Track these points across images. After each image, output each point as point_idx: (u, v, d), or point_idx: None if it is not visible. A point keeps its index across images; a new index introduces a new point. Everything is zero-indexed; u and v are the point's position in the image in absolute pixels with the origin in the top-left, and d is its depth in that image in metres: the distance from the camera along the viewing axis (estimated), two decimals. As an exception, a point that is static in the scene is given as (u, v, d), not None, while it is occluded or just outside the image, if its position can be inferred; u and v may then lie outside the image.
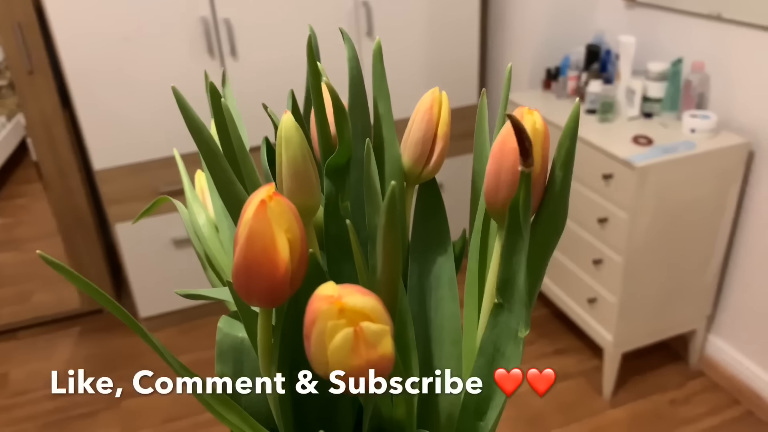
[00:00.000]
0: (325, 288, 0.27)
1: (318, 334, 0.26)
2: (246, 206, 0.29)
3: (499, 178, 0.38)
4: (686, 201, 1.70)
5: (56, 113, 2.11)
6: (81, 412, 1.96)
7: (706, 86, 1.80)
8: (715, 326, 1.95)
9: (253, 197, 0.29)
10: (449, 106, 0.46)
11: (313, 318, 0.26)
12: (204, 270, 0.52)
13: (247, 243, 0.28)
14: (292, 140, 0.35)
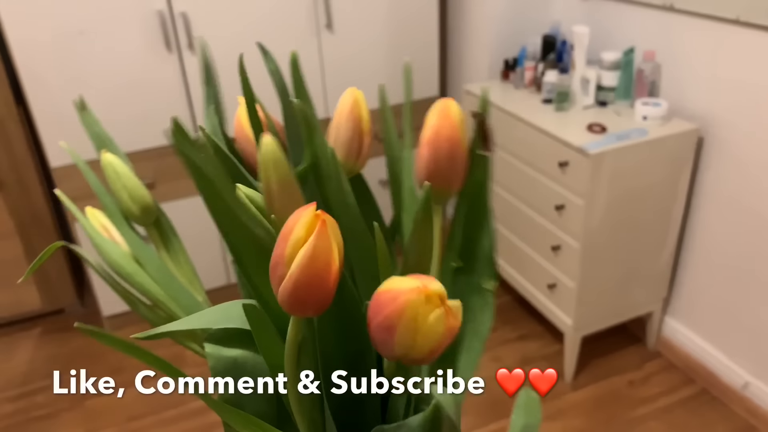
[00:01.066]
0: (405, 282, 0.30)
1: (408, 321, 0.30)
2: (291, 226, 0.30)
3: (438, 164, 0.40)
4: (640, 187, 1.74)
5: (10, 110, 2.06)
6: (43, 413, 1.93)
7: (658, 75, 1.84)
8: (671, 308, 2.01)
9: (300, 217, 0.30)
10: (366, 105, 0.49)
11: (401, 309, 0.30)
12: (133, 307, 0.49)
13: (310, 259, 0.29)
14: (280, 161, 0.37)
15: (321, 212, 0.30)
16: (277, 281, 0.31)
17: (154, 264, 0.47)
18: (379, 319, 0.31)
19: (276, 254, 0.31)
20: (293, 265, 0.30)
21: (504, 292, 2.31)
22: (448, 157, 0.39)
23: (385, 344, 0.31)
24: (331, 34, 2.16)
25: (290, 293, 0.30)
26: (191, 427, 1.85)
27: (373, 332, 0.32)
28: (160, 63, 2.00)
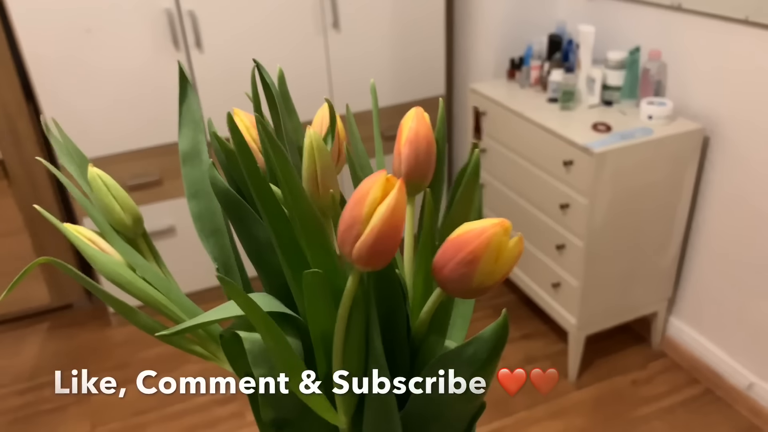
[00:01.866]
0: (483, 221, 0.36)
1: (492, 250, 0.35)
2: (367, 189, 0.35)
3: (418, 159, 0.44)
4: (644, 186, 1.74)
5: (20, 107, 2.09)
6: (50, 407, 1.95)
7: (663, 74, 1.84)
8: (676, 308, 2.01)
9: (374, 181, 0.35)
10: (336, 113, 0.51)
11: (488, 241, 0.35)
12: (130, 318, 0.48)
13: (392, 212, 0.34)
14: (323, 149, 0.41)
15: (392, 176, 0.35)
16: (353, 240, 0.35)
17: (150, 272, 0.48)
18: (461, 256, 0.36)
19: (350, 217, 0.35)
20: (374, 220, 0.34)
21: (508, 290, 2.31)
22: (426, 153, 0.43)
23: (463, 278, 0.36)
24: (338, 33, 2.17)
25: (371, 246, 0.35)
26: (196, 422, 1.86)
27: (448, 274, 0.37)
28: (167, 61, 2.01)
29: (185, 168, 0.52)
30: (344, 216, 0.36)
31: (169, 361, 2.04)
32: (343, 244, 0.36)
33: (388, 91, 2.33)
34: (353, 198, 0.35)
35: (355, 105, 2.57)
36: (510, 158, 1.98)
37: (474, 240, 0.35)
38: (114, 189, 0.49)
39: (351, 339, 0.41)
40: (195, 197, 0.51)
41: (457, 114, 2.60)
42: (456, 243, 0.36)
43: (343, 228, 0.36)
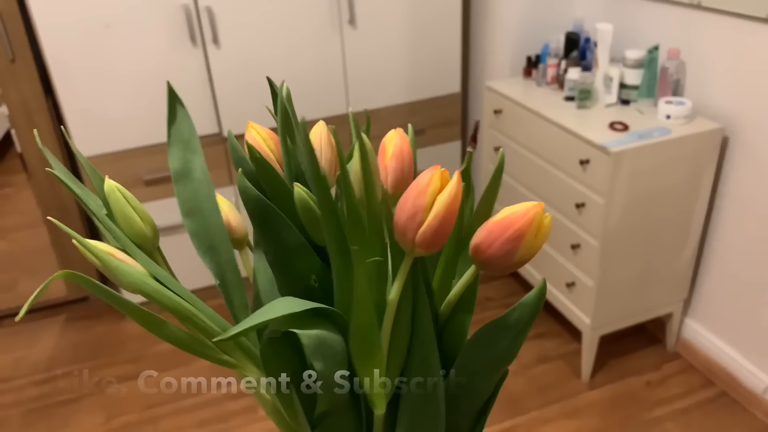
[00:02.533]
0: (525, 204, 0.41)
1: (533, 228, 0.41)
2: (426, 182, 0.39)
3: (403, 172, 0.49)
4: (661, 186, 1.73)
5: (39, 101, 2.11)
6: (65, 398, 1.98)
7: (682, 73, 1.82)
8: (692, 310, 1.99)
9: (432, 174, 0.40)
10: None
11: (531, 220, 0.41)
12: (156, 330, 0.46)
13: (454, 199, 0.39)
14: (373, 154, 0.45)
15: (446, 171, 0.40)
16: (417, 226, 0.40)
17: (174, 282, 0.48)
18: (508, 234, 0.41)
19: (413, 206, 0.39)
20: (437, 207, 0.39)
21: (522, 290, 2.31)
22: (408, 166, 0.49)
23: (508, 254, 0.41)
24: (354, 30, 2.17)
25: (435, 230, 0.39)
26: (209, 415, 1.87)
27: (494, 250, 0.41)
28: (184, 57, 2.03)
29: (177, 187, 0.52)
30: (405, 207, 0.40)
31: (182, 355, 2.06)
32: (406, 231, 0.40)
33: (403, 88, 2.33)
34: (413, 191, 0.40)
35: (370, 102, 2.58)
36: (525, 157, 1.97)
37: (520, 219, 0.41)
38: (132, 201, 0.48)
39: (401, 320, 0.44)
40: (189, 215, 0.52)
41: (471, 112, 2.59)
42: (502, 224, 0.41)
43: (405, 217, 0.40)
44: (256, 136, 0.49)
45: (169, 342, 0.47)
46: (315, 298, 0.45)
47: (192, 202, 0.52)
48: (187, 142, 0.53)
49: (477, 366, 0.47)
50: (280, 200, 0.46)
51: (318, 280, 0.46)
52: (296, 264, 0.46)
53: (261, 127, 0.50)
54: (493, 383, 0.49)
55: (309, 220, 0.46)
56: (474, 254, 0.42)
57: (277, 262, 0.46)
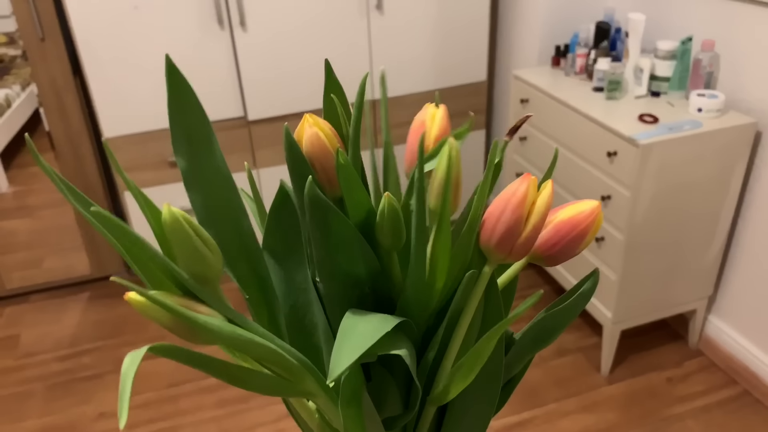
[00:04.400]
0: (585, 203, 0.44)
1: (594, 229, 0.44)
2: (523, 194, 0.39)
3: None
4: (690, 180, 1.70)
5: (67, 80, 2.13)
6: (88, 374, 2.01)
7: (716, 65, 1.78)
8: (716, 307, 1.96)
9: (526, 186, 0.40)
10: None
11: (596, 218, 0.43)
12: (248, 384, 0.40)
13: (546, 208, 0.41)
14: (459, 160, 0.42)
15: (534, 177, 0.40)
16: (515, 238, 0.40)
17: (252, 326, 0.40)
18: (576, 232, 0.43)
19: (510, 220, 0.39)
20: (534, 218, 0.40)
21: (543, 281, 2.29)
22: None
23: (572, 250, 0.44)
24: (381, 15, 2.15)
25: (531, 240, 0.40)
26: (229, 395, 1.90)
27: (561, 247, 0.44)
28: (211, 40, 2.03)
29: (190, 193, 0.43)
30: (503, 219, 0.40)
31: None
32: (499, 247, 0.41)
33: (428, 75, 2.31)
34: (507, 203, 0.39)
35: (394, 89, 2.56)
36: (552, 147, 1.95)
37: (587, 218, 0.43)
38: (199, 231, 0.38)
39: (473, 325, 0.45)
40: (206, 225, 0.45)
41: (497, 100, 2.57)
42: (570, 223, 0.43)
43: (502, 230, 0.40)
44: (318, 134, 0.43)
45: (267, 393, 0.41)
46: (369, 304, 0.44)
47: (207, 211, 0.44)
48: (194, 134, 0.42)
49: (523, 351, 0.48)
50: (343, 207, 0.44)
51: (371, 287, 0.44)
52: (357, 272, 0.42)
53: (323, 123, 0.44)
54: (527, 362, 0.50)
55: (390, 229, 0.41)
56: (538, 250, 0.44)
57: (335, 271, 0.42)
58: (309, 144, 0.44)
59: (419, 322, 0.44)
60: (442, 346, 0.45)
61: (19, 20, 2.02)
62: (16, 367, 2.06)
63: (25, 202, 3.11)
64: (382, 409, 0.46)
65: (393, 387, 0.45)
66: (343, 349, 0.36)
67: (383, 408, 0.46)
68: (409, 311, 0.43)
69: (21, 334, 2.21)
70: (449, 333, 0.44)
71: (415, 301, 0.43)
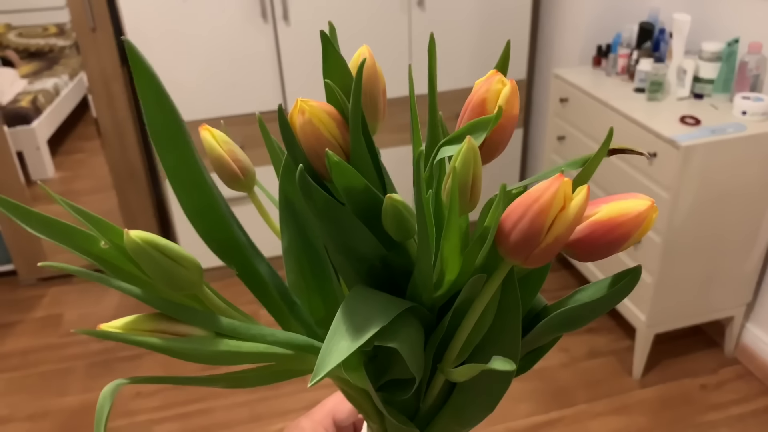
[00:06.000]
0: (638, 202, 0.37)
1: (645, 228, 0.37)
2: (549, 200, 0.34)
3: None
4: (732, 184, 1.67)
5: (116, 70, 2.20)
6: (126, 354, 2.08)
7: (763, 68, 1.75)
8: (754, 315, 1.92)
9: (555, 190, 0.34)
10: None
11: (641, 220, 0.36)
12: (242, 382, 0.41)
13: (576, 218, 0.34)
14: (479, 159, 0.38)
15: (570, 180, 0.34)
16: (533, 246, 0.35)
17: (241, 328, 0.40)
18: (615, 235, 0.37)
19: (529, 228, 0.34)
20: (559, 228, 0.34)
21: (576, 282, 2.27)
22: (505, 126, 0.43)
23: (611, 250, 0.38)
24: (422, 12, 2.17)
25: (551, 250, 0.35)
26: (260, 382, 1.94)
27: (599, 246, 0.38)
28: (255, 33, 2.07)
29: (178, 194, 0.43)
30: (521, 225, 0.35)
31: (238, 323, 2.13)
32: (517, 251, 0.36)
33: (468, 72, 2.31)
34: (528, 208, 0.34)
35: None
36: (591, 147, 1.94)
37: (631, 222, 0.37)
38: (168, 250, 0.36)
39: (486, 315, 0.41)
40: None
41: (536, 99, 2.55)
42: (610, 225, 0.37)
43: (519, 236, 0.35)
44: (311, 122, 0.41)
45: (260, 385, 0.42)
46: (382, 277, 0.42)
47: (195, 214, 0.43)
48: (174, 135, 0.42)
49: (549, 331, 0.45)
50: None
51: (381, 262, 0.42)
52: (361, 250, 0.41)
53: (323, 107, 0.42)
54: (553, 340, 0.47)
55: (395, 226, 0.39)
56: (571, 247, 0.39)
57: (338, 248, 0.41)
58: (301, 133, 0.41)
59: (429, 305, 0.42)
60: (448, 334, 0.42)
61: (73, 11, 2.09)
62: (58, 345, 2.13)
63: (71, 187, 3.21)
64: (390, 372, 0.44)
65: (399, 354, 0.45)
66: (333, 346, 0.34)
67: (391, 370, 0.44)
68: (418, 296, 0.41)
69: (64, 314, 2.29)
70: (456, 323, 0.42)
71: (423, 289, 0.41)
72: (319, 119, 0.41)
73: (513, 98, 0.41)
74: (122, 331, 0.37)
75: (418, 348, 0.40)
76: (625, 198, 0.37)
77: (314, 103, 0.41)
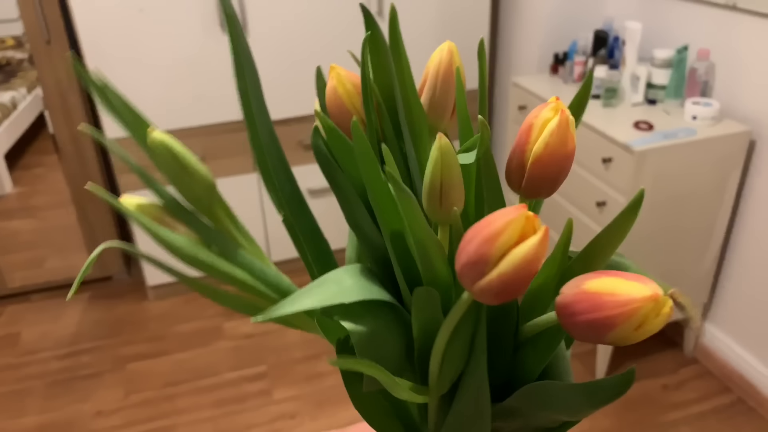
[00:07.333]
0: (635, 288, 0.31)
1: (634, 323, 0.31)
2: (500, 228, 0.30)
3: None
4: (685, 187, 1.71)
5: (71, 82, 2.16)
6: (87, 372, 2.03)
7: (711, 74, 1.80)
8: (711, 315, 1.97)
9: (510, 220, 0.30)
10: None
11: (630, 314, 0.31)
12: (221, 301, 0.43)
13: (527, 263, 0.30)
14: (453, 163, 0.36)
15: (534, 215, 0.30)
16: (476, 277, 0.31)
17: (231, 249, 0.42)
18: (593, 316, 0.32)
19: (476, 253, 0.31)
20: (505, 266, 0.30)
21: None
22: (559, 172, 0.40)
23: (594, 335, 0.32)
24: (382, 21, 2.17)
25: (496, 288, 0.31)
26: (225, 396, 1.91)
27: (576, 324, 0.33)
28: (214, 44, 2.06)
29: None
30: (468, 249, 0.31)
31: (204, 336, 2.10)
32: (462, 276, 0.32)
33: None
34: (482, 232, 0.31)
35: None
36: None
37: (616, 308, 0.31)
38: (182, 156, 0.41)
39: (452, 351, 0.38)
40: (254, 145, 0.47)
41: (497, 107, 2.59)
42: (593, 301, 0.32)
43: (464, 260, 0.31)
44: (335, 89, 0.41)
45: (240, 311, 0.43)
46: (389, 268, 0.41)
47: None
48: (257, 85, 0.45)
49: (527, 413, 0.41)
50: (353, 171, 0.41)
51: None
52: (370, 236, 0.41)
53: (347, 74, 0.43)
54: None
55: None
56: (558, 313, 0.34)
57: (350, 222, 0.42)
58: (328, 99, 0.42)
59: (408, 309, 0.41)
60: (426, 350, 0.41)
61: (26, 23, 2.05)
62: (15, 365, 2.07)
63: (29, 202, 3.14)
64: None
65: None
66: (296, 298, 0.34)
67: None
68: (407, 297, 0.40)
69: (21, 332, 2.23)
70: None
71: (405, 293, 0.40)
72: (344, 88, 0.43)
73: (564, 131, 0.37)
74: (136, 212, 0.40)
75: (384, 344, 0.39)
76: (628, 278, 0.32)
77: (343, 72, 0.43)
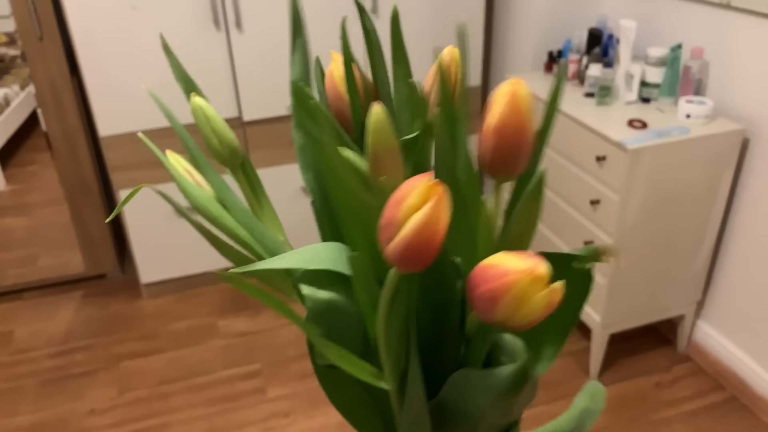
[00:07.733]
0: (515, 261, 0.32)
1: (513, 298, 0.32)
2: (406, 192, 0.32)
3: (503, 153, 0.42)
4: (679, 185, 1.71)
5: (64, 79, 2.15)
6: (80, 371, 2.02)
7: (705, 73, 1.80)
8: (705, 312, 1.97)
9: (415, 185, 0.32)
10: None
11: (508, 286, 0.32)
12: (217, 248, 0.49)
13: (424, 226, 0.31)
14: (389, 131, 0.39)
15: (437, 183, 0.32)
16: (386, 240, 0.33)
17: (238, 207, 0.48)
18: (482, 290, 0.33)
19: (387, 216, 0.33)
20: (405, 228, 0.32)
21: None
22: (514, 146, 0.40)
23: (486, 311, 0.34)
24: (377, 18, 2.18)
25: (400, 253, 0.33)
26: (219, 394, 1.91)
27: (474, 299, 0.35)
28: (208, 41, 2.05)
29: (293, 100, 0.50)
30: (385, 212, 0.33)
31: (198, 334, 2.09)
32: (381, 241, 0.34)
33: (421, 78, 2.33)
34: (394, 196, 0.33)
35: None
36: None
37: (496, 279, 0.33)
38: (213, 120, 0.49)
39: (392, 328, 0.40)
40: (297, 128, 0.50)
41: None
42: (483, 273, 0.34)
43: (382, 224, 0.34)
44: (333, 70, 0.45)
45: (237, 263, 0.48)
46: None
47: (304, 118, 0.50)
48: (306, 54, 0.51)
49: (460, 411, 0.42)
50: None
51: None
52: None
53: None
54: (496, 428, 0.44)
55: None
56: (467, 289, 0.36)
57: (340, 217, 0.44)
58: (327, 81, 0.46)
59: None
60: None
61: (18, 20, 2.04)
62: (8, 363, 2.07)
63: (22, 200, 3.12)
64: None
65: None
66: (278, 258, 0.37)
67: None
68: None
69: (14, 330, 2.22)
70: None
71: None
72: (340, 72, 0.47)
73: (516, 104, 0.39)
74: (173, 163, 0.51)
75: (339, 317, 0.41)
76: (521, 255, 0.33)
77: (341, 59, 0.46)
